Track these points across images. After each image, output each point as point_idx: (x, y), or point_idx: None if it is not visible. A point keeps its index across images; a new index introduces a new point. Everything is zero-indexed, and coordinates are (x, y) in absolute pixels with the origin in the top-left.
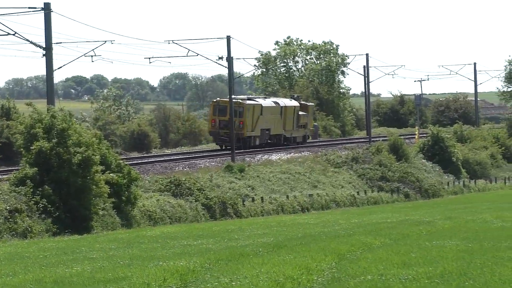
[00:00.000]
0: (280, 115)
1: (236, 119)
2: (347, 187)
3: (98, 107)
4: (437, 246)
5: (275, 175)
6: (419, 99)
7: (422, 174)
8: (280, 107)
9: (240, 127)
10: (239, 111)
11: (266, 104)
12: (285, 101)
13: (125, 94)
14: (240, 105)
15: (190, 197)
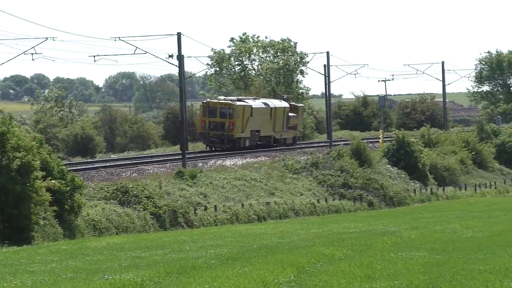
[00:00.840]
0: (270, 117)
1: (226, 120)
2: (306, 195)
3: (39, 109)
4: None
5: (229, 182)
6: (383, 100)
7: (387, 181)
8: (270, 108)
9: (230, 128)
10: (229, 112)
11: (256, 105)
12: (275, 102)
13: (68, 95)
14: (230, 106)
15: (138, 205)
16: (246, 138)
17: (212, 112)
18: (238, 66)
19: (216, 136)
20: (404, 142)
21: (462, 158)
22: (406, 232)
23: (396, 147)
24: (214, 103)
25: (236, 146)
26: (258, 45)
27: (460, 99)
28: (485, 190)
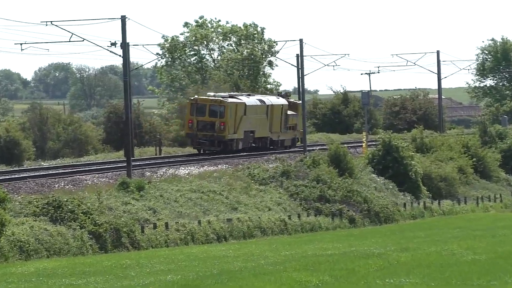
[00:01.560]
0: (266, 115)
1: (216, 120)
2: (275, 210)
3: None
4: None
5: (183, 195)
6: (367, 96)
7: (372, 193)
8: (266, 106)
9: (221, 128)
10: (220, 110)
11: (251, 102)
12: (271, 99)
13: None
14: (221, 104)
15: (73, 223)
16: (239, 140)
17: (200, 110)
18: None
19: (205, 138)
20: (392, 147)
21: (461, 166)
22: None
23: (383, 153)
24: (202, 100)
25: (227, 149)
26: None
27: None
28: (489, 204)
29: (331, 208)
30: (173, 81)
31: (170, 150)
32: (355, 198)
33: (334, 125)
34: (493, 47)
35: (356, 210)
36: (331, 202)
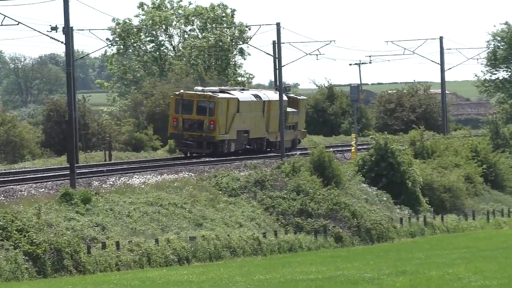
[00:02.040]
0: (262, 113)
1: (205, 118)
2: (247, 226)
3: None
4: None
5: (137, 208)
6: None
7: (362, 206)
8: (263, 102)
9: (210, 128)
10: (209, 107)
11: (244, 98)
12: (268, 94)
13: None
14: (211, 99)
15: (5, 242)
16: (231, 141)
17: (187, 107)
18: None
19: (192, 138)
20: (386, 152)
21: (469, 174)
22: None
23: (376, 159)
24: (189, 95)
25: (218, 151)
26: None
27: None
28: (502, 220)
29: (314, 224)
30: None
31: (122, 155)
32: (342, 212)
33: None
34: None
35: (343, 227)
36: (314, 216)
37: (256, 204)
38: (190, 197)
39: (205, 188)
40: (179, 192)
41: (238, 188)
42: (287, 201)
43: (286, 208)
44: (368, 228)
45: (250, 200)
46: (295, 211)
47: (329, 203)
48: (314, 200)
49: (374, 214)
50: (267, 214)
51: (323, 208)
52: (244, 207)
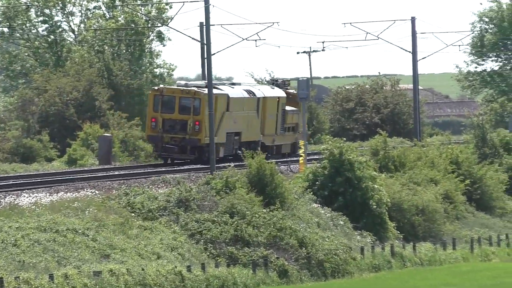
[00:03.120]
0: (256, 112)
1: (189, 117)
2: (168, 258)
3: None
4: None
5: (27, 235)
6: (306, 87)
7: (313, 232)
8: (257, 99)
9: (195, 129)
10: (194, 105)
11: (235, 94)
12: (264, 90)
13: None
14: (196, 95)
15: None
16: (219, 145)
17: (167, 105)
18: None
19: (173, 142)
20: (343, 164)
21: (448, 192)
22: None
23: (330, 172)
24: (170, 91)
25: (204, 157)
26: None
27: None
28: (490, 249)
29: (252, 255)
30: (11, 63)
31: (7, 168)
32: (287, 240)
33: None
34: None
35: (289, 258)
36: (252, 245)
37: (179, 229)
38: (94, 221)
39: (114, 209)
40: (80, 214)
41: (156, 209)
42: (218, 225)
43: (217, 235)
44: (321, 260)
45: (171, 225)
46: (228, 239)
47: (271, 228)
48: (252, 225)
49: (328, 242)
50: (192, 242)
51: (263, 235)
52: (163, 234)
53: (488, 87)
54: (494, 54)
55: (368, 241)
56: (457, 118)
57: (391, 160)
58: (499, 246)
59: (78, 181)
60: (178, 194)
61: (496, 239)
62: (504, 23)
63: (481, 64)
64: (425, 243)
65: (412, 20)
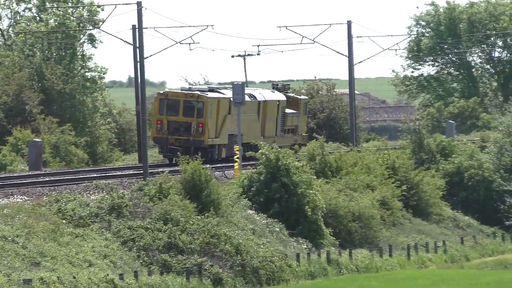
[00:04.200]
0: (257, 114)
1: (193, 120)
2: (100, 265)
3: None
4: None
5: None
6: (241, 91)
7: (248, 239)
8: (258, 103)
9: (198, 131)
10: (197, 108)
11: None
12: (264, 94)
13: None
14: (199, 99)
15: None
16: (221, 146)
17: (172, 108)
18: None
19: (178, 143)
20: (279, 169)
21: (385, 198)
22: None
23: (266, 178)
24: (175, 95)
25: (207, 158)
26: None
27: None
28: (426, 256)
29: (186, 262)
30: None
31: None
32: (222, 247)
33: None
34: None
35: (223, 265)
36: (185, 252)
37: (111, 236)
38: (24, 228)
39: (44, 216)
40: (10, 221)
41: (88, 216)
42: (152, 232)
43: (150, 242)
44: (256, 267)
45: (103, 232)
46: (161, 246)
47: (206, 235)
48: (187, 232)
49: (264, 249)
50: (125, 250)
51: (197, 242)
52: (95, 241)
53: (425, 91)
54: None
55: (304, 248)
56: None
57: (328, 165)
58: (436, 253)
59: (8, 187)
60: (110, 200)
61: (433, 245)
62: (441, 27)
63: (418, 69)
64: (361, 249)
65: (348, 24)
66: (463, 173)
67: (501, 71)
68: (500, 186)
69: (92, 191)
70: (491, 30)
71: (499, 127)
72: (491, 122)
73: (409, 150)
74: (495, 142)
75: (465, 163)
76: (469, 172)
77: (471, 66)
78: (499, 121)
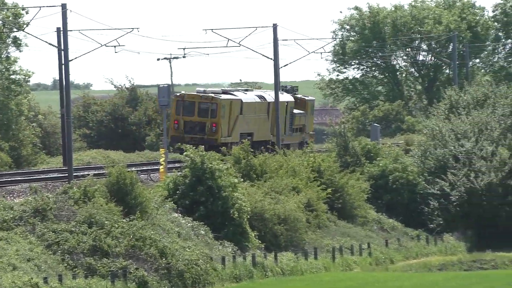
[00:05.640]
0: (267, 114)
1: (207, 120)
2: (24, 269)
3: None
4: None
5: None
6: (167, 94)
7: (174, 242)
8: (267, 104)
9: (212, 130)
10: (211, 108)
11: (248, 99)
12: (273, 95)
13: None
14: (213, 101)
15: None
16: (233, 144)
17: (188, 109)
18: None
19: (193, 141)
20: (204, 172)
21: (310, 201)
22: None
23: (191, 181)
24: (191, 97)
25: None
26: None
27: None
28: (351, 259)
29: (111, 266)
30: None
31: None
32: (147, 250)
33: (116, 137)
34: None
35: (149, 268)
36: (111, 256)
37: (35, 240)
38: None
39: None
40: None
41: (11, 219)
42: (76, 235)
43: (75, 245)
44: (181, 270)
45: (27, 235)
46: (86, 249)
47: (131, 238)
48: (112, 235)
49: (189, 252)
50: (49, 253)
51: (122, 245)
52: (19, 244)
53: (350, 95)
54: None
55: (229, 251)
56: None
57: (253, 168)
58: (360, 255)
59: None
60: (34, 203)
61: (358, 248)
62: (365, 30)
63: (343, 72)
64: (287, 252)
65: (274, 27)
66: (388, 176)
67: (425, 75)
68: (424, 189)
69: (16, 194)
70: (416, 33)
71: (423, 130)
72: (415, 125)
73: (335, 153)
74: (419, 145)
75: (389, 166)
76: (394, 175)
77: (396, 69)
78: (423, 124)
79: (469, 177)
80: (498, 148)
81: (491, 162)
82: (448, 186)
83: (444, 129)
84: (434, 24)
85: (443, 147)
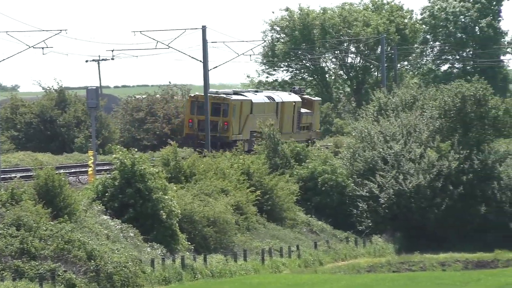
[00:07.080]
0: (275, 114)
1: (219, 119)
2: None
3: None
4: None
5: None
6: (95, 96)
7: (102, 245)
8: (276, 104)
9: (224, 129)
10: (223, 108)
11: (258, 99)
12: (282, 96)
13: None
14: (225, 101)
15: None
16: (244, 141)
17: (201, 109)
18: None
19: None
20: (134, 174)
21: (239, 203)
22: None
23: (120, 183)
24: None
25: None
26: None
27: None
28: (280, 261)
29: (39, 268)
30: None
31: None
32: (75, 253)
33: (45, 139)
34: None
35: (77, 271)
36: (38, 258)
37: None
38: None
39: None
40: None
41: None
42: (4, 238)
43: (2, 248)
44: (110, 272)
45: None
46: (13, 252)
47: (59, 240)
48: (39, 237)
49: (118, 254)
50: None
51: (50, 248)
52: None
53: None
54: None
55: (158, 253)
56: None
57: (182, 171)
58: (290, 258)
59: None
60: None
61: (287, 250)
62: (295, 32)
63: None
64: (216, 254)
65: (203, 29)
66: (317, 178)
67: (354, 77)
68: (353, 191)
69: None
70: (344, 36)
71: (352, 132)
72: (344, 127)
73: (264, 155)
74: (348, 148)
75: (318, 168)
76: (323, 177)
77: (325, 71)
78: (352, 126)
79: (397, 179)
80: (426, 150)
81: (420, 164)
82: (376, 188)
83: (373, 131)
84: (363, 26)
85: (372, 149)
